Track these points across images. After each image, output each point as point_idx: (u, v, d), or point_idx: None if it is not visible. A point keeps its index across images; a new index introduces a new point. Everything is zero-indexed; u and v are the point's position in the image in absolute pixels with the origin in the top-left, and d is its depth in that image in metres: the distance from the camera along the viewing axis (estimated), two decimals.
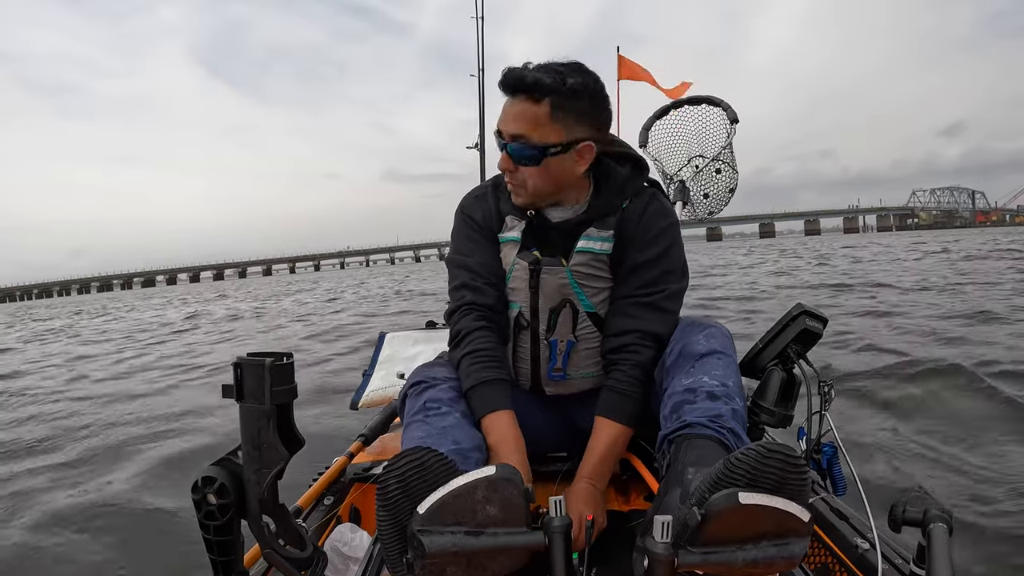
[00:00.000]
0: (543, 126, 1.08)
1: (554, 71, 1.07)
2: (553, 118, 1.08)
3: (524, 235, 1.21)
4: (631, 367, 1.14)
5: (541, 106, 1.07)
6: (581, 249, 1.18)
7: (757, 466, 0.69)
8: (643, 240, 1.18)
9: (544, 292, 1.19)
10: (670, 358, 1.10)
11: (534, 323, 1.21)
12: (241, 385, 0.67)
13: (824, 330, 1.18)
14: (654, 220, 1.19)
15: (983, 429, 2.56)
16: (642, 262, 1.17)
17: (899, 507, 0.87)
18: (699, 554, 0.68)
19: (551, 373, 1.24)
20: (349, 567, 1.16)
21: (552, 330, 1.21)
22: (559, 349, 1.22)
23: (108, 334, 11.51)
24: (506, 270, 1.23)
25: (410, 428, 1.09)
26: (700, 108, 2.11)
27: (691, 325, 1.14)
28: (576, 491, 1.08)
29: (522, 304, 1.22)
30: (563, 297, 1.19)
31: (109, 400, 4.66)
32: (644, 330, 1.15)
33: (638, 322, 1.16)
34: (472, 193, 1.32)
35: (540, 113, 1.07)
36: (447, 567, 0.72)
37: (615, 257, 1.19)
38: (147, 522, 2.28)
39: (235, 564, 0.70)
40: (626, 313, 1.18)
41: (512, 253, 1.22)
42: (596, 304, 1.21)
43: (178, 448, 3.16)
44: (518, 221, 1.21)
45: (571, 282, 1.19)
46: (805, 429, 1.16)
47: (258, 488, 0.69)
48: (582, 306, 1.20)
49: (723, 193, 2.13)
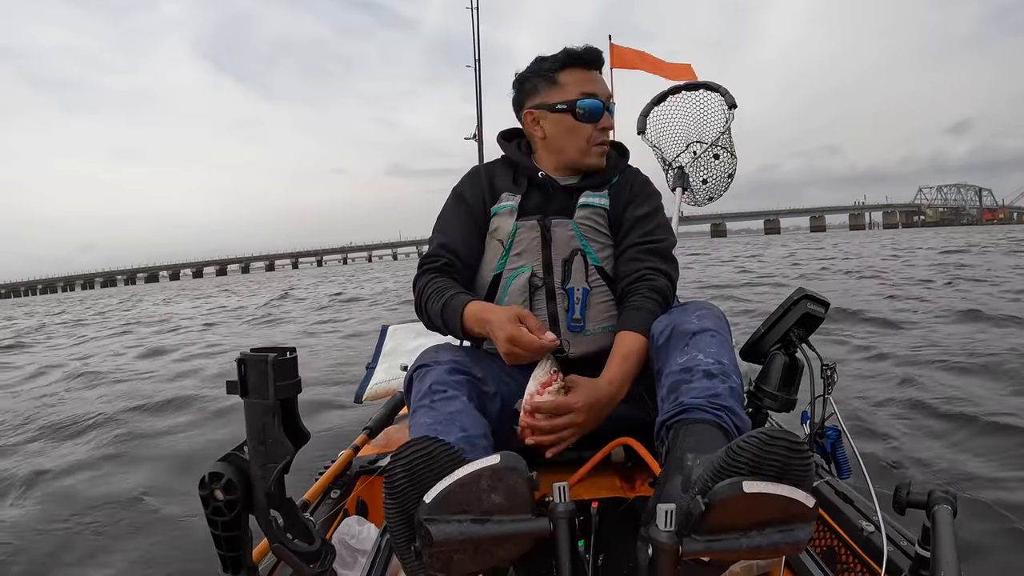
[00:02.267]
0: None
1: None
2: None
3: (523, 200, 1.31)
4: (648, 290, 1.21)
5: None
6: (583, 203, 1.30)
7: (760, 453, 0.69)
8: (638, 200, 1.33)
9: (555, 246, 1.27)
10: (661, 338, 1.10)
11: (548, 279, 1.26)
12: (245, 381, 0.68)
13: (825, 313, 1.18)
14: (644, 186, 1.37)
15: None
16: (641, 215, 1.31)
17: (903, 489, 0.87)
18: (703, 542, 0.68)
19: (571, 324, 1.26)
20: (357, 559, 1.17)
21: (568, 280, 1.26)
22: (576, 297, 1.25)
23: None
24: (504, 240, 1.28)
25: (417, 414, 1.09)
26: (698, 94, 2.10)
27: (681, 307, 1.17)
28: (595, 385, 1.09)
29: (533, 263, 1.26)
30: (573, 248, 1.27)
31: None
32: (656, 268, 1.25)
33: (649, 263, 1.25)
34: (466, 175, 1.41)
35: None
36: (454, 554, 0.73)
37: (613, 216, 1.31)
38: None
39: (244, 559, 0.71)
40: (636, 258, 1.26)
41: (511, 220, 1.29)
42: (602, 259, 1.28)
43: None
44: (513, 196, 1.31)
45: (577, 234, 1.27)
46: (808, 413, 1.17)
47: (265, 483, 0.69)
48: (590, 259, 1.27)
49: (722, 178, 2.12)
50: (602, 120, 1.30)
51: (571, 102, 1.27)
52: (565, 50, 1.28)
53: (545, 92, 1.30)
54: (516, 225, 1.28)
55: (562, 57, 1.28)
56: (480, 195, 1.34)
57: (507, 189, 1.33)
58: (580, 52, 1.28)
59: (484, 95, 3.58)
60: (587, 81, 1.29)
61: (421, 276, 1.28)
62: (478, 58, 3.51)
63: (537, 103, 1.31)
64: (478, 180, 1.36)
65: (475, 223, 1.32)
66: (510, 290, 1.27)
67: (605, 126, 1.31)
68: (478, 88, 3.54)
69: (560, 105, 1.28)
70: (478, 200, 1.33)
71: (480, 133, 3.50)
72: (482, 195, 1.34)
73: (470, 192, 1.35)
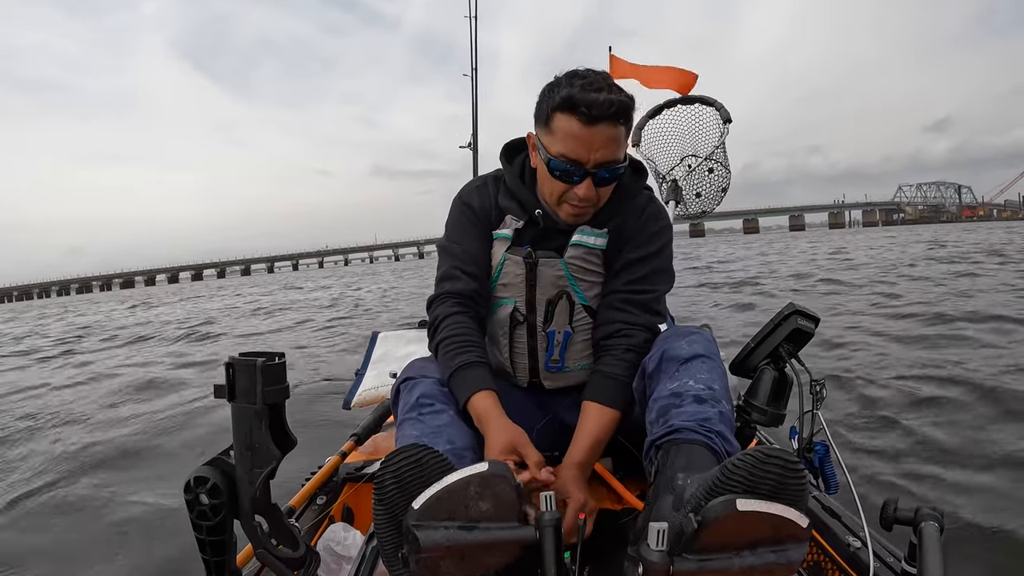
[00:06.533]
0: (623, 146, 1.11)
1: (618, 90, 1.07)
2: (626, 136, 1.11)
3: (518, 233, 1.23)
4: (624, 351, 1.16)
5: (620, 127, 1.08)
6: (575, 243, 1.20)
7: (755, 471, 0.68)
8: (639, 239, 1.22)
9: (541, 284, 1.22)
10: (651, 364, 1.09)
11: (531, 316, 1.23)
12: (233, 385, 0.67)
13: (815, 329, 1.19)
14: (651, 221, 1.23)
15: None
16: (635, 259, 1.21)
17: (891, 506, 0.87)
18: (695, 561, 0.68)
19: (548, 365, 1.26)
20: (342, 566, 1.16)
21: (549, 321, 1.23)
22: (556, 340, 1.23)
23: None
24: (494, 266, 1.24)
25: (404, 426, 1.09)
26: (693, 108, 2.12)
27: (672, 332, 1.14)
28: (565, 476, 1.07)
29: (517, 299, 1.23)
30: (559, 289, 1.22)
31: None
32: (635, 323, 1.19)
33: (629, 316, 1.19)
34: (472, 183, 1.33)
35: (622, 134, 1.09)
36: (441, 561, 0.73)
37: (610, 253, 1.22)
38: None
39: (228, 564, 0.70)
40: (616, 307, 1.20)
41: (501, 250, 1.24)
42: (590, 298, 1.23)
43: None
44: (516, 220, 1.23)
45: (566, 274, 1.21)
46: (797, 428, 1.17)
47: (250, 488, 0.68)
48: (577, 298, 1.22)
49: (715, 192, 2.14)
50: (581, 187, 1.11)
51: (548, 156, 1.10)
52: (569, 91, 1.05)
53: (541, 127, 1.13)
54: (504, 257, 1.23)
55: (562, 98, 1.05)
56: (487, 211, 1.27)
57: (511, 212, 1.24)
58: (581, 101, 1.03)
59: (478, 101, 3.57)
60: (576, 138, 1.06)
61: (440, 304, 1.22)
62: (475, 67, 3.51)
63: (537, 131, 1.16)
64: (486, 194, 1.28)
65: (482, 235, 1.26)
66: (495, 318, 1.27)
67: (582, 195, 1.11)
68: (474, 97, 3.54)
69: (542, 151, 1.12)
70: (486, 214, 1.27)
71: (475, 142, 3.50)
72: (489, 213, 1.26)
73: (478, 203, 1.27)
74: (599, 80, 1.06)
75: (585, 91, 1.04)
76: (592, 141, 1.06)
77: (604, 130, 1.06)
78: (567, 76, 1.09)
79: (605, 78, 1.08)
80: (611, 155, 1.09)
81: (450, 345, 1.16)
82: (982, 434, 2.48)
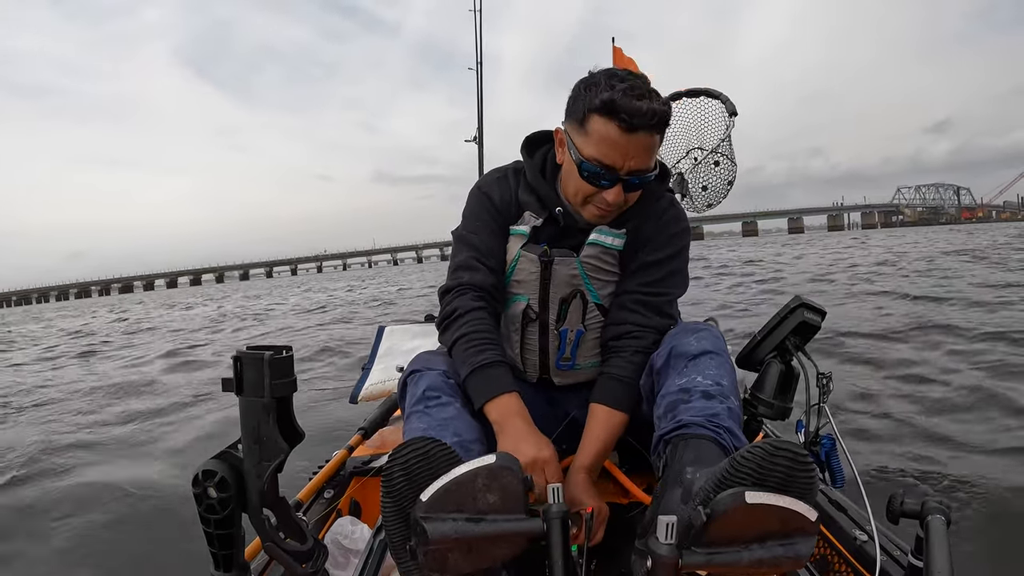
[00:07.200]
0: (655, 153, 1.10)
1: (657, 97, 1.05)
2: (660, 143, 1.10)
3: (535, 230, 1.21)
4: (632, 353, 1.16)
5: (656, 136, 1.07)
6: (592, 242, 1.19)
7: (764, 464, 0.68)
8: (657, 241, 1.20)
9: (555, 283, 1.21)
10: (660, 360, 1.09)
11: (543, 314, 1.23)
12: (241, 378, 0.67)
13: (822, 322, 1.18)
14: (671, 224, 1.22)
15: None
16: (652, 261, 1.20)
17: (897, 499, 0.87)
18: (703, 555, 0.68)
19: (559, 363, 1.25)
20: (350, 560, 1.17)
21: (562, 320, 1.22)
22: (568, 339, 1.23)
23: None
24: (508, 261, 1.23)
25: (411, 419, 1.09)
26: (698, 101, 2.11)
27: (681, 328, 1.14)
28: (575, 482, 1.08)
29: (530, 296, 1.23)
30: (573, 288, 1.21)
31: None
32: (646, 325, 1.18)
33: (640, 317, 1.18)
34: (493, 173, 1.31)
35: (656, 143, 1.08)
36: (449, 553, 0.73)
37: (627, 253, 1.21)
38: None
39: (236, 557, 0.70)
40: (629, 308, 1.19)
41: (517, 246, 1.23)
42: (603, 297, 1.23)
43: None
44: (535, 218, 1.21)
45: (581, 273, 1.20)
46: (803, 421, 1.16)
47: (258, 481, 0.69)
48: (591, 297, 1.22)
49: (722, 185, 2.13)
50: (611, 192, 1.09)
51: (580, 157, 1.08)
52: (611, 94, 1.01)
53: (574, 125, 1.10)
54: (519, 253, 1.22)
55: (603, 101, 1.02)
56: (507, 204, 1.24)
57: (530, 208, 1.22)
58: (623, 107, 1.00)
59: (483, 95, 3.56)
60: (613, 144, 1.04)
61: (458, 296, 1.19)
62: (480, 60, 3.50)
63: (568, 128, 1.13)
64: (506, 186, 1.26)
65: (500, 228, 1.24)
66: (507, 314, 1.26)
67: (611, 200, 1.10)
68: (479, 90, 3.53)
69: (573, 151, 1.10)
70: (506, 207, 1.24)
71: (481, 136, 3.50)
72: (508, 206, 1.24)
73: (499, 196, 1.25)
74: (640, 86, 1.04)
75: (627, 97, 1.01)
76: (629, 149, 1.05)
77: (642, 139, 1.04)
78: (606, 76, 1.06)
79: (645, 83, 1.06)
80: (644, 163, 1.08)
81: (469, 343, 1.14)
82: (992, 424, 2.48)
